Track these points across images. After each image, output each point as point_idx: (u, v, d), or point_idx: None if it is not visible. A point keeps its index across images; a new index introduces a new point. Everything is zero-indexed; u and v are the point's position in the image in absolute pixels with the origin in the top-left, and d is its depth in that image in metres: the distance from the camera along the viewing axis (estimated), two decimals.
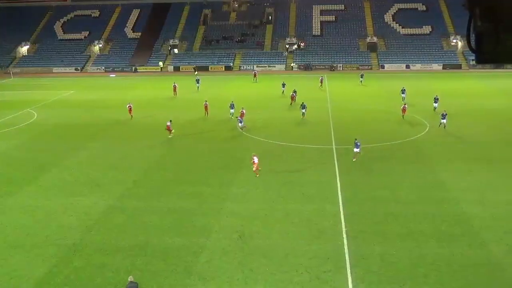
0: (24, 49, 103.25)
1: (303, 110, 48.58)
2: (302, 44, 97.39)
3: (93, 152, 39.91)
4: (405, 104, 48.14)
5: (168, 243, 23.64)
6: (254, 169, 32.41)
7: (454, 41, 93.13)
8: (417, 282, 19.88)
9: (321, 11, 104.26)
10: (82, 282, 20.52)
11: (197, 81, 69.37)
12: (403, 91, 57.26)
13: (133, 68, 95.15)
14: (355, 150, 34.95)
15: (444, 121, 43.06)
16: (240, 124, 44.33)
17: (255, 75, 78.99)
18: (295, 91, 57.37)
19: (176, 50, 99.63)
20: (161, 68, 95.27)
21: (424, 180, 31.57)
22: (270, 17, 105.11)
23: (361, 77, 72.70)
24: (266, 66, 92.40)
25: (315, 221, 25.62)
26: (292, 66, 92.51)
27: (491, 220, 25.40)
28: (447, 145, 39.47)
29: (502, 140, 40.29)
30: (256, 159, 32.31)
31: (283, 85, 63.77)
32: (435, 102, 50.87)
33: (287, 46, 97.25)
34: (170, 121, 42.80)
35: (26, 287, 20.20)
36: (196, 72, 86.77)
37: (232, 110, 49.45)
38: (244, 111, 46.43)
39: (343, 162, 35.34)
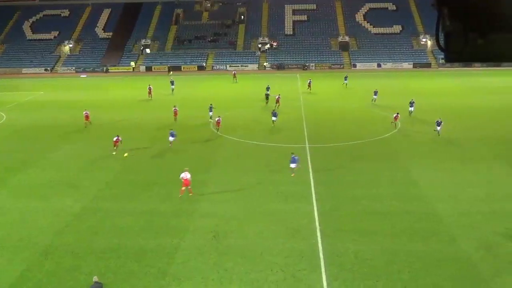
0: None
1: (274, 118, 45.74)
2: (275, 44, 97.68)
3: (64, 153, 39.27)
4: (397, 113, 45.08)
5: (142, 244, 23.40)
6: (182, 188, 28.57)
7: (424, 40, 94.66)
8: (391, 279, 20.11)
9: (293, 10, 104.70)
10: (54, 285, 20.16)
11: (172, 83, 67.32)
12: (375, 93, 56.40)
13: (105, 68, 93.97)
14: (292, 165, 31.72)
15: (439, 128, 40.97)
16: (170, 138, 39.25)
17: (234, 75, 77.60)
18: (267, 95, 56.42)
19: (148, 50, 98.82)
20: (133, 68, 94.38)
21: (395, 178, 31.96)
22: (242, 17, 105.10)
23: (345, 79, 69.28)
24: (239, 66, 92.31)
25: (290, 220, 25.69)
26: (265, 66, 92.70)
27: (461, 217, 25.87)
28: (418, 143, 40.05)
29: (471, 137, 41.08)
30: (186, 175, 28.60)
31: (267, 88, 58.91)
32: (411, 106, 49.05)
33: (259, 46, 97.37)
34: (118, 136, 38.07)
35: None
36: (171, 73, 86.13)
37: (210, 113, 47.96)
38: (220, 119, 44.10)
39: (316, 160, 35.53)
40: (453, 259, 21.56)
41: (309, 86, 65.58)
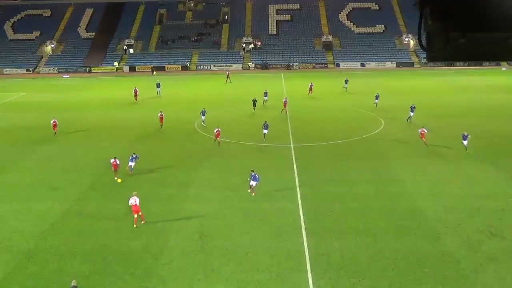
0: None
1: (265, 131, 40.72)
2: (259, 44, 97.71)
3: (46, 155, 38.82)
4: (423, 127, 38.71)
5: (127, 246, 23.24)
6: (135, 216, 25.03)
7: (406, 39, 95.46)
8: (375, 276, 20.25)
9: (277, 10, 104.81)
10: (39, 287, 19.99)
11: (158, 85, 64.64)
12: (376, 97, 53.50)
13: (88, 68, 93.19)
14: (252, 183, 28.87)
15: (465, 142, 36.71)
16: (130, 163, 32.78)
17: (228, 76, 76.28)
18: (254, 102, 52.11)
19: (131, 50, 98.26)
20: (117, 68, 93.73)
21: (380, 176, 32.17)
22: (226, 17, 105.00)
23: (345, 83, 64.91)
24: (223, 66, 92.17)
25: (275, 219, 25.72)
26: (249, 66, 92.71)
27: (444, 214, 26.14)
28: (401, 142, 40.32)
29: (453, 136, 41.45)
30: (135, 201, 25.02)
31: (265, 94, 56.26)
32: (412, 111, 45.99)
33: (243, 46, 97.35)
34: (115, 158, 32.38)
35: None
36: (155, 73, 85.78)
37: (203, 117, 45.99)
38: (219, 130, 39.44)
39: (301, 160, 35.62)
40: (437, 256, 21.78)
41: (310, 89, 62.07)
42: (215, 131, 39.53)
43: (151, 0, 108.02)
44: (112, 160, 32.18)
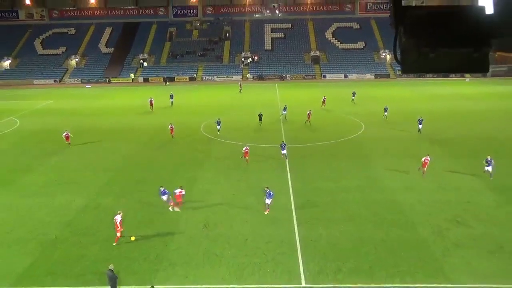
0: (6, 64, 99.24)
1: (284, 151, 35.31)
2: (256, 58, 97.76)
3: (70, 155, 38.65)
4: (427, 155, 31.49)
5: (141, 234, 23.19)
6: (117, 234, 22.18)
7: (384, 54, 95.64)
8: (358, 260, 20.25)
9: (271, 29, 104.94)
10: (64, 271, 19.87)
11: (171, 96, 63.00)
12: (385, 109, 49.94)
13: (107, 79, 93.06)
14: (267, 201, 25.63)
15: (489, 168, 30.45)
16: (163, 197, 26.37)
17: (240, 86, 75.53)
18: (260, 116, 47.62)
19: (145, 63, 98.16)
20: (132, 79, 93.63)
21: (363, 173, 32.12)
22: (227, 34, 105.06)
23: (353, 95, 61.62)
24: (225, 77, 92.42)
25: (270, 211, 25.60)
26: (247, 77, 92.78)
27: (418, 205, 26.15)
28: (381, 143, 40.29)
29: (425, 138, 41.58)
30: (118, 218, 22.44)
31: (285, 108, 51.54)
32: (420, 123, 43.42)
33: (242, 59, 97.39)
34: (181, 187, 26.81)
35: (9, 280, 19.41)
36: (168, 83, 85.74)
37: (218, 127, 43.96)
38: (247, 149, 34.81)
39: (293, 159, 35.58)
40: (411, 242, 21.81)
41: (323, 102, 57.70)
42: (243, 149, 34.79)
43: (163, 20, 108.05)
44: (177, 191, 26.30)
